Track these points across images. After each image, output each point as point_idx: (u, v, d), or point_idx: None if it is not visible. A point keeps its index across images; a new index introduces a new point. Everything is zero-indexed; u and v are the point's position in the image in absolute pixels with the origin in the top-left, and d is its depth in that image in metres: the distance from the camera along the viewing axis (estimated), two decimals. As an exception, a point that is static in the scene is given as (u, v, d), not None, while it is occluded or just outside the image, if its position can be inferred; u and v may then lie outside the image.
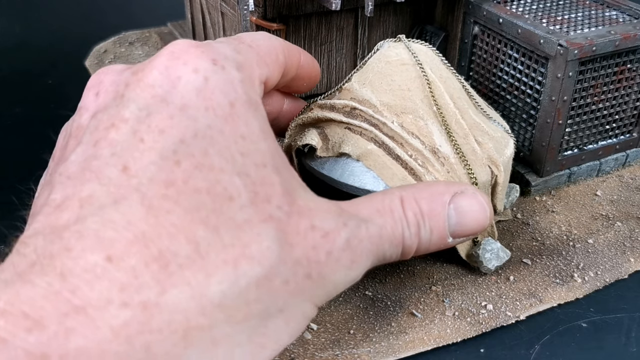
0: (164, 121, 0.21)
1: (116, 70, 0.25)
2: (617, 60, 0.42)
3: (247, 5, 0.41)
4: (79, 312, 0.17)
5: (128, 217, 0.19)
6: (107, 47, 0.67)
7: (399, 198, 0.27)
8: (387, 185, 0.34)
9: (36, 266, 0.18)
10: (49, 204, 0.20)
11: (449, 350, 0.32)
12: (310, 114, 0.36)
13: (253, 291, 0.21)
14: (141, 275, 0.19)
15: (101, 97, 0.24)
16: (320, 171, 0.35)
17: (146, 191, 0.20)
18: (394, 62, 0.36)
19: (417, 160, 0.34)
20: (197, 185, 0.21)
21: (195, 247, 0.20)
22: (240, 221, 0.21)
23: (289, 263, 0.22)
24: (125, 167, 0.20)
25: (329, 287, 0.24)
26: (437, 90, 0.35)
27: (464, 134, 0.35)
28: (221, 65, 0.23)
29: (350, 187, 0.34)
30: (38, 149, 0.31)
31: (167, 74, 0.22)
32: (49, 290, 0.18)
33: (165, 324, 0.18)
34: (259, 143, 0.23)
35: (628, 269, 0.37)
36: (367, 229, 0.25)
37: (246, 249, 0.21)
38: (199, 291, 0.19)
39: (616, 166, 0.47)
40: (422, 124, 0.35)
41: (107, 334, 0.18)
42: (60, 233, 0.19)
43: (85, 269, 0.18)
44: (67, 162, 0.22)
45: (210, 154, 0.21)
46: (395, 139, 0.34)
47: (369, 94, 0.36)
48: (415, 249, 0.27)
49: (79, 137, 0.23)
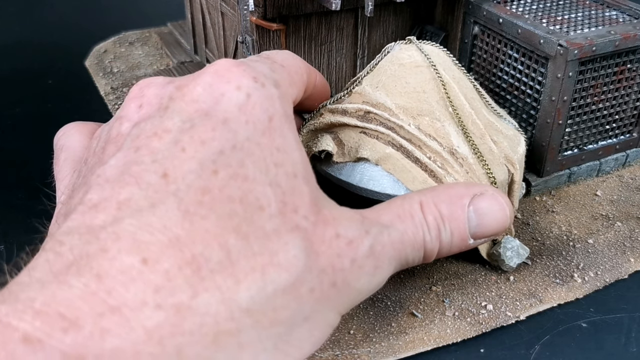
0: (206, 133, 0.22)
1: (158, 83, 0.25)
2: (617, 60, 0.42)
3: (247, 5, 0.41)
4: (115, 313, 0.18)
5: (164, 221, 0.20)
6: (107, 47, 0.67)
7: (418, 203, 0.27)
8: (407, 188, 0.34)
9: (73, 267, 0.18)
10: (85, 203, 0.21)
11: (449, 351, 0.32)
12: (322, 119, 0.36)
13: (280, 298, 0.21)
14: (174, 279, 0.19)
15: (144, 109, 0.24)
16: (338, 177, 0.35)
17: (183, 197, 0.21)
18: (408, 64, 0.36)
19: (436, 162, 0.34)
20: (231, 194, 0.21)
21: (227, 253, 0.20)
22: (269, 230, 0.22)
23: (315, 271, 0.22)
24: (165, 173, 0.21)
25: (353, 294, 0.24)
26: (452, 91, 0.35)
27: (480, 134, 0.35)
28: (261, 82, 0.24)
29: (371, 192, 0.34)
30: (38, 149, 0.31)
31: (210, 90, 0.24)
32: (85, 291, 0.18)
33: (196, 327, 0.19)
34: (292, 154, 0.24)
35: (628, 269, 0.37)
36: (389, 235, 0.25)
37: (274, 257, 0.21)
38: (229, 296, 0.20)
39: (616, 166, 0.47)
40: (439, 125, 0.35)
41: (141, 335, 0.18)
42: (97, 234, 0.19)
43: (121, 271, 0.18)
44: (106, 165, 0.22)
45: (246, 165, 0.22)
46: (413, 141, 0.34)
47: (383, 97, 0.36)
48: (436, 252, 0.27)
49: (119, 143, 0.23)
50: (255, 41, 0.44)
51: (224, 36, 0.52)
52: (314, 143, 0.35)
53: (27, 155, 0.49)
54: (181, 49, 0.63)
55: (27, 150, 0.50)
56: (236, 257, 0.20)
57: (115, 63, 0.63)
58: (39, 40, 0.69)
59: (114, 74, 0.61)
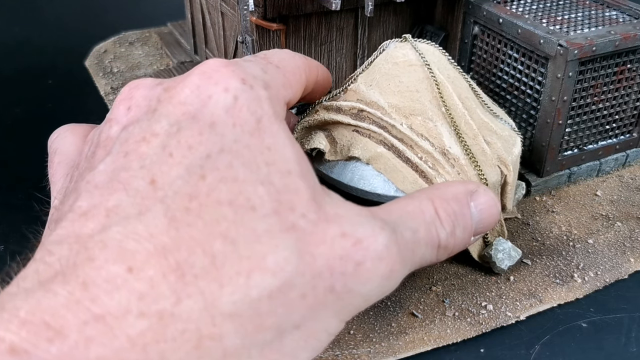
0: (193, 137, 0.22)
1: (147, 85, 0.25)
2: (617, 60, 0.42)
3: (247, 5, 0.41)
4: (99, 321, 0.18)
5: (151, 229, 0.20)
6: (107, 47, 0.67)
7: (428, 199, 0.26)
8: (397, 188, 0.33)
9: (59, 276, 0.18)
10: (75, 210, 0.21)
11: (449, 351, 0.32)
12: (317, 117, 0.35)
13: (265, 303, 0.20)
14: (158, 286, 0.19)
15: (133, 111, 0.24)
16: (329, 175, 0.35)
17: (170, 203, 0.20)
18: (401, 63, 0.36)
19: (427, 163, 0.34)
20: (219, 197, 0.21)
21: (212, 259, 0.20)
22: (261, 231, 0.21)
23: (308, 275, 0.21)
24: (153, 180, 0.21)
25: (357, 299, 0.23)
26: (446, 91, 0.35)
27: (473, 134, 0.35)
28: (250, 84, 0.24)
29: (361, 191, 0.34)
30: (38, 149, 0.31)
31: (198, 92, 0.23)
32: (70, 299, 0.18)
33: (179, 333, 0.19)
34: (284, 151, 0.23)
35: (628, 269, 0.37)
36: (402, 234, 0.24)
37: (262, 261, 0.21)
38: (212, 301, 0.19)
39: (616, 166, 0.47)
40: (432, 125, 0.35)
41: (124, 343, 0.18)
42: (85, 243, 0.19)
43: (106, 279, 0.18)
44: (95, 171, 0.22)
45: (234, 167, 0.22)
46: (404, 141, 0.34)
47: (377, 95, 0.35)
48: (450, 250, 0.26)
49: (108, 147, 0.23)
50: (255, 41, 0.44)
51: (224, 36, 0.52)
52: (307, 140, 0.35)
53: (27, 155, 0.49)
54: (181, 49, 0.63)
55: (27, 150, 0.50)
56: (221, 262, 0.20)
57: (115, 63, 0.63)
58: (39, 40, 0.69)
59: (114, 74, 0.61)
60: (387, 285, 0.23)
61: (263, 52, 0.29)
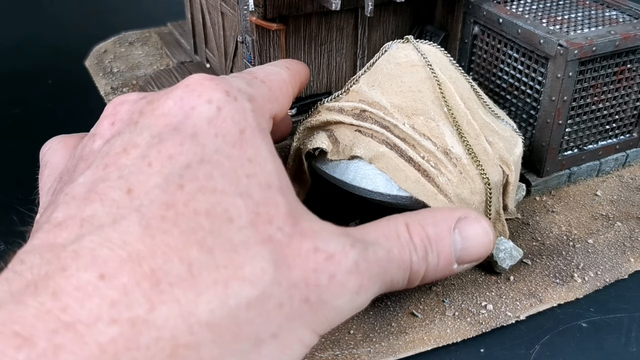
0: (174, 147, 0.22)
1: (131, 99, 0.25)
2: (617, 60, 0.42)
3: (247, 5, 0.41)
4: (69, 329, 0.18)
5: (124, 237, 0.20)
6: (107, 47, 0.67)
7: (404, 224, 0.26)
8: (400, 187, 0.34)
9: (30, 287, 0.18)
10: (50, 221, 0.21)
11: (449, 350, 0.32)
12: (319, 117, 0.36)
13: (243, 312, 0.20)
14: (131, 293, 0.19)
15: (116, 125, 0.24)
16: (332, 175, 0.35)
17: (146, 212, 0.20)
18: (404, 63, 0.36)
19: (429, 162, 0.34)
20: (197, 207, 0.21)
21: (188, 267, 0.20)
22: (237, 242, 0.21)
23: (285, 286, 0.21)
24: (130, 189, 0.21)
25: (331, 313, 0.23)
26: (448, 91, 0.35)
27: (475, 134, 0.35)
28: (234, 96, 0.24)
29: (364, 190, 0.34)
30: (38, 150, 0.31)
31: (181, 104, 0.23)
32: (41, 309, 0.18)
33: (152, 341, 0.18)
34: (266, 165, 0.23)
35: (628, 269, 0.37)
36: (374, 252, 0.24)
37: (239, 270, 0.21)
38: (188, 309, 0.19)
39: (616, 166, 0.47)
40: (434, 125, 0.35)
41: (94, 350, 0.18)
42: (58, 252, 0.19)
43: (77, 287, 0.18)
44: (74, 183, 0.22)
45: (214, 177, 0.22)
46: (407, 140, 0.34)
47: (379, 95, 0.36)
48: (422, 275, 0.26)
49: (89, 161, 0.23)
50: (255, 41, 0.44)
51: (224, 36, 0.52)
52: (309, 140, 0.35)
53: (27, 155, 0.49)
54: (181, 49, 0.63)
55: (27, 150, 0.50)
56: (198, 270, 0.20)
57: (115, 63, 0.63)
58: (39, 40, 0.69)
59: (114, 74, 0.61)
60: (357, 300, 0.24)
61: (249, 69, 0.29)
